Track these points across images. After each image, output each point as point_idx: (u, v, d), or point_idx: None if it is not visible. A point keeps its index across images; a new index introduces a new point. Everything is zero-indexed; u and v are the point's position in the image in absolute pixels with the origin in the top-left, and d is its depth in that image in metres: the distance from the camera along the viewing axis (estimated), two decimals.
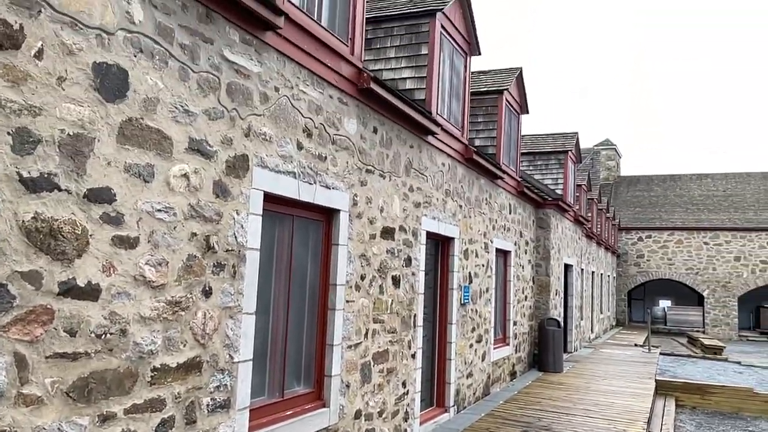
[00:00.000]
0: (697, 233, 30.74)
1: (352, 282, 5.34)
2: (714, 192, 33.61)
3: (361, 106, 5.45)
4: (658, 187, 35.44)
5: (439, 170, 7.46)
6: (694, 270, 30.60)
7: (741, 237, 29.90)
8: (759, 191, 32.66)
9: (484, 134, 9.96)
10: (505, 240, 10.56)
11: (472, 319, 8.73)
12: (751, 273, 29.55)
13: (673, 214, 32.43)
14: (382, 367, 5.92)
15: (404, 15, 6.89)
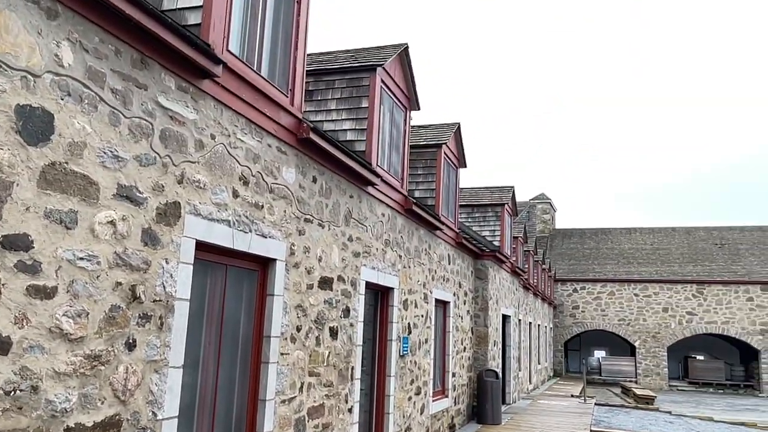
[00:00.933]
0: (627, 285, 31.93)
1: (287, 334, 5.21)
2: (642, 245, 35.20)
3: (301, 155, 5.46)
4: (591, 240, 36.83)
5: (378, 220, 7.50)
6: (626, 321, 31.61)
7: (668, 289, 31.26)
8: (683, 245, 34.42)
9: (424, 186, 10.14)
10: (445, 290, 10.63)
11: (411, 370, 8.65)
12: (678, 324, 30.78)
13: (605, 266, 33.65)
14: (318, 423, 5.74)
15: (345, 69, 7.04)
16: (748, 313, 29.85)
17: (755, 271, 30.82)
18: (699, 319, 30.46)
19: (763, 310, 29.64)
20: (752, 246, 33.13)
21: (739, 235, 34.54)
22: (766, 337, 29.34)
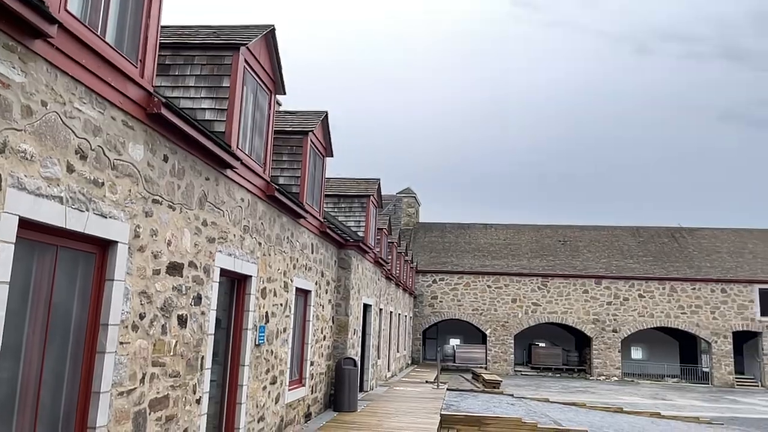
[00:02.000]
0: (482, 277, 33.98)
1: (128, 322, 4.87)
2: (496, 240, 37.61)
3: (150, 132, 5.11)
4: (451, 234, 38.69)
5: (237, 205, 7.26)
6: (479, 311, 33.64)
7: (517, 281, 33.71)
8: (532, 241, 37.27)
9: (289, 173, 10.00)
10: (307, 279, 10.58)
11: (267, 360, 8.51)
12: (525, 313, 33.32)
13: (463, 259, 35.52)
14: (161, 415, 5.45)
15: (207, 45, 6.71)
16: (584, 304, 33.07)
17: (591, 266, 34.18)
18: (543, 310, 33.20)
19: (596, 301, 32.98)
20: (589, 243, 36.71)
21: (579, 233, 38.09)
22: (597, 326, 32.68)
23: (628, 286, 32.95)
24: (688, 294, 32.46)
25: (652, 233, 37.65)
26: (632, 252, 35.52)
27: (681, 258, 34.68)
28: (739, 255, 34.61)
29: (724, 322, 31.91)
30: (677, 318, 32.30)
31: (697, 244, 36.13)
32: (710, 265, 33.69)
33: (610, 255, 35.27)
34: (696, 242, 36.29)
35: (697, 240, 36.53)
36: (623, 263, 34.34)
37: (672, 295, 32.54)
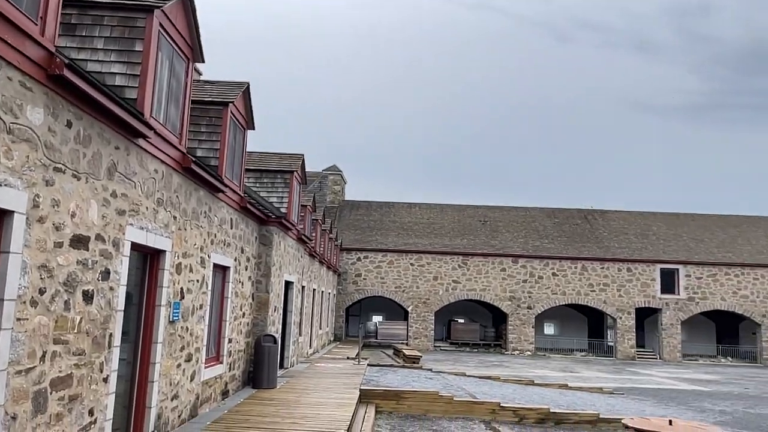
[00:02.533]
0: (405, 255, 34.48)
1: (26, 297, 4.58)
2: (420, 219, 38.21)
3: (52, 95, 4.78)
4: (376, 213, 38.93)
5: (150, 177, 6.96)
6: (401, 288, 34.17)
7: (439, 259, 34.45)
8: (454, 221, 38.13)
9: (207, 145, 9.67)
10: (225, 255, 10.34)
11: (181, 337, 8.28)
12: (445, 291, 34.17)
13: (387, 237, 35.87)
14: (63, 394, 5.19)
15: (118, 5, 6.31)
16: (501, 282, 34.28)
17: (509, 245, 35.41)
18: (462, 287, 34.15)
19: (513, 279, 34.27)
20: (508, 224, 37.99)
21: (499, 213, 39.32)
22: (513, 303, 34.01)
23: (543, 265, 34.42)
24: (597, 273, 34.31)
25: (567, 215, 39.41)
26: (548, 232, 37.06)
27: (592, 239, 36.55)
28: (645, 237, 36.88)
29: (629, 299, 34.03)
30: (587, 295, 34.12)
31: (607, 225, 38.16)
32: (618, 246, 35.72)
33: (527, 235, 36.66)
34: (606, 224, 38.33)
35: (608, 222, 38.58)
36: (539, 243, 35.79)
37: (583, 274, 34.29)
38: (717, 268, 34.33)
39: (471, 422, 11.83)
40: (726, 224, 38.60)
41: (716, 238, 36.99)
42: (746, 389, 20.50)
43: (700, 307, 34.10)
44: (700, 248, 35.74)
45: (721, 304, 34.03)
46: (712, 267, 34.33)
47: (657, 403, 16.01)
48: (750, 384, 22.47)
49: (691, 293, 34.10)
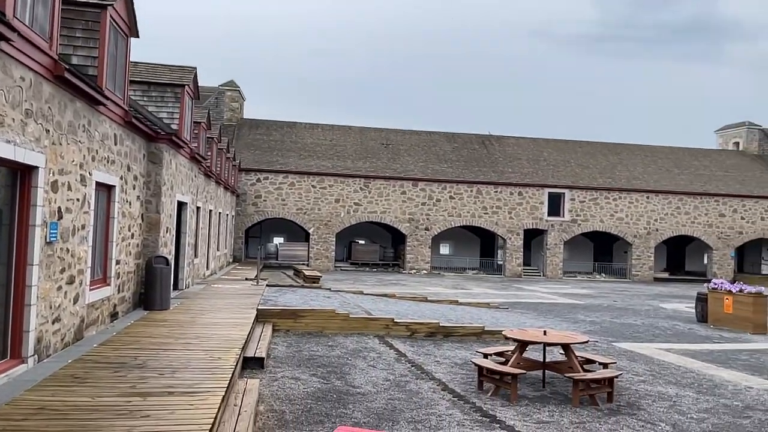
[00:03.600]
0: (307, 177, 34.20)
1: None
2: (322, 141, 37.76)
3: None
4: (277, 133, 37.96)
5: (17, 85, 6.27)
6: (303, 210, 34.09)
7: (341, 182, 34.50)
8: (357, 143, 38.03)
9: (84, 52, 8.82)
10: (109, 173, 9.72)
11: (62, 258, 7.82)
12: (347, 213, 34.50)
13: (288, 158, 35.26)
14: None
15: None
16: (401, 204, 35.05)
17: (410, 169, 36.01)
18: (364, 209, 34.60)
19: (412, 202, 35.12)
20: (410, 147, 38.46)
21: (401, 137, 39.63)
22: (412, 224, 35.02)
23: (441, 188, 35.45)
24: (491, 196, 35.88)
25: (465, 140, 40.43)
26: (447, 157, 37.98)
27: (488, 163, 37.92)
28: (536, 162, 38.76)
29: (518, 221, 36.07)
30: (481, 217, 35.75)
31: (502, 151, 39.65)
32: (511, 171, 37.36)
33: (428, 159, 37.39)
34: (502, 149, 39.80)
35: (503, 147, 40.06)
36: (439, 167, 36.66)
37: (478, 197, 35.74)
38: (598, 192, 36.95)
39: (366, 338, 12.31)
40: (608, 151, 41.29)
41: (599, 164, 39.58)
42: (614, 302, 22.73)
43: (582, 228, 36.83)
44: (584, 174, 38.15)
45: (600, 225, 36.92)
46: (594, 191, 36.90)
47: (537, 315, 17.40)
48: (618, 297, 24.92)
49: (574, 215, 36.64)
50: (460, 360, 10.58)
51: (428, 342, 12.26)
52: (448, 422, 7.06)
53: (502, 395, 8.29)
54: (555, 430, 6.93)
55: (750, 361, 11.74)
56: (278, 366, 9.49)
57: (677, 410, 7.97)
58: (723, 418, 7.67)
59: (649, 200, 37.45)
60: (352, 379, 8.90)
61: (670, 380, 9.70)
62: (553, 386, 8.98)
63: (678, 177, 39.27)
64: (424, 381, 8.96)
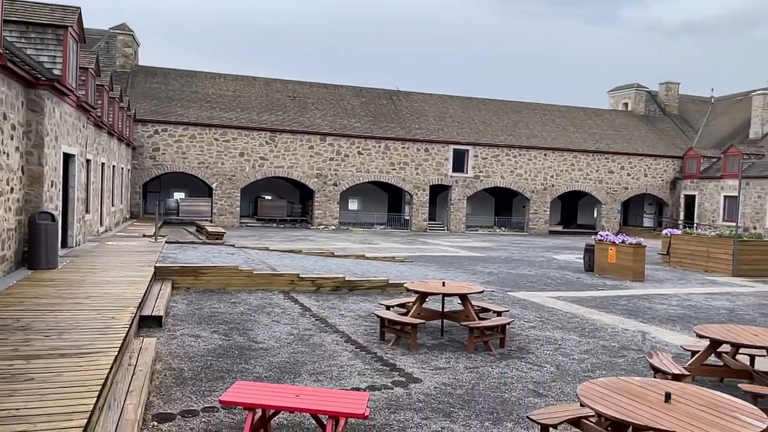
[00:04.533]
0: (209, 129, 32.85)
1: None
2: (225, 92, 36.26)
3: None
4: (176, 82, 35.99)
5: None
6: (205, 164, 32.85)
7: (245, 135, 33.46)
8: (262, 95, 36.87)
9: None
10: None
11: None
12: (252, 167, 33.65)
13: (188, 109, 33.63)
14: None
15: None
16: (309, 159, 34.62)
17: (317, 123, 35.49)
18: (270, 164, 33.87)
19: (320, 157, 34.78)
20: (317, 101, 37.80)
21: (308, 90, 38.82)
22: (320, 180, 34.76)
23: (350, 143, 35.30)
24: (399, 152, 36.19)
25: (374, 95, 40.26)
26: (355, 111, 37.73)
27: (396, 119, 38.09)
28: (442, 119, 39.39)
29: (425, 177, 36.75)
30: (388, 173, 36.07)
31: (410, 107, 39.90)
32: (418, 127, 37.78)
33: (335, 113, 36.97)
34: (409, 105, 40.04)
35: (410, 103, 40.31)
36: (347, 122, 36.39)
37: (386, 153, 35.94)
38: (500, 149, 38.25)
39: (271, 293, 12.24)
40: (510, 110, 42.67)
41: (501, 122, 40.87)
42: (512, 254, 23.93)
43: (484, 184, 38.15)
44: (487, 131, 39.30)
45: (501, 181, 38.39)
46: (495, 148, 38.15)
47: (439, 268, 18.00)
48: (516, 249, 26.24)
49: (477, 172, 37.82)
50: (364, 312, 10.79)
51: (333, 296, 12.38)
52: (349, 372, 7.21)
53: (402, 345, 8.57)
54: (450, 375, 7.28)
55: (628, 306, 12.81)
56: (177, 324, 9.25)
57: (561, 352, 8.59)
58: (601, 358, 8.37)
59: (546, 157, 39.27)
60: (255, 334, 8.85)
61: (557, 325, 10.42)
62: (451, 334, 9.39)
63: (573, 135, 41.36)
64: (327, 334, 9.07)
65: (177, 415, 5.61)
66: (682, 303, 13.41)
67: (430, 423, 5.72)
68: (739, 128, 42.48)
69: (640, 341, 9.49)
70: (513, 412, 6.10)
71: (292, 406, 4.54)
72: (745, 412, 4.02)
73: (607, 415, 3.85)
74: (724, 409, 4.05)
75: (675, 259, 21.16)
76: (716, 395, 4.33)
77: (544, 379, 7.28)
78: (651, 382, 4.58)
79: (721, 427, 3.73)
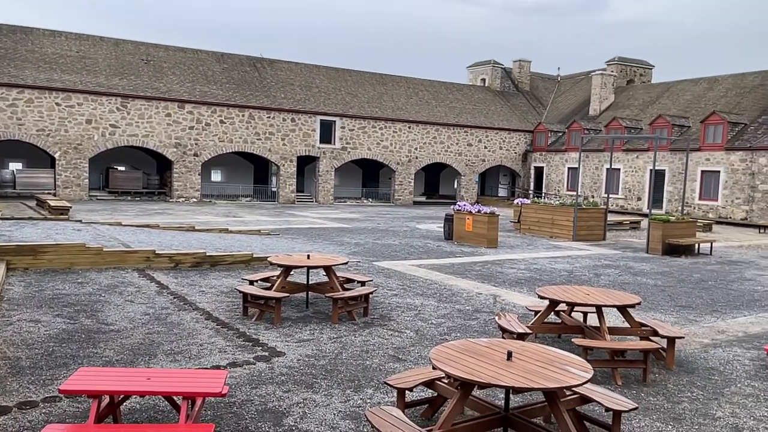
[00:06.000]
0: (49, 93, 29.74)
1: None
2: (67, 52, 32.94)
3: None
4: (8, 39, 32.04)
5: None
6: (46, 131, 29.79)
7: (93, 100, 30.73)
8: (111, 57, 33.97)
9: None
10: None
11: None
12: (102, 136, 31.08)
13: (23, 70, 30.15)
14: None
15: None
16: (166, 127, 32.65)
17: (175, 89, 33.47)
18: (122, 132, 31.48)
19: (179, 125, 32.93)
20: (174, 65, 35.57)
21: (164, 53, 36.38)
22: (179, 150, 32.98)
23: (211, 111, 33.74)
24: (264, 122, 35.26)
25: (236, 61, 38.69)
26: (216, 78, 36.04)
27: (260, 87, 36.97)
28: (308, 89, 38.89)
29: (291, 148, 36.23)
30: (253, 144, 35.07)
31: (275, 75, 38.89)
32: (284, 97, 37.01)
33: (195, 79, 35.06)
34: (274, 74, 39.02)
35: (276, 72, 39.29)
36: (207, 89, 34.69)
37: (250, 122, 34.86)
38: (366, 121, 38.66)
39: (123, 272, 11.49)
40: (376, 82, 43.15)
41: (367, 93, 41.24)
42: (378, 225, 24.47)
43: (351, 156, 38.44)
44: (354, 102, 39.48)
45: (368, 153, 38.91)
46: (362, 120, 38.50)
47: (307, 240, 17.95)
48: (381, 220, 26.86)
49: (344, 143, 37.97)
50: (226, 288, 10.49)
51: (194, 273, 11.90)
52: (209, 350, 7.01)
53: (266, 319, 8.47)
54: (314, 346, 7.33)
55: (482, 271, 13.68)
56: (14, 309, 8.39)
57: (421, 318, 8.99)
58: (456, 321, 8.87)
59: (410, 130, 40.36)
60: (105, 316, 8.28)
61: (418, 292, 10.87)
62: (316, 306, 9.45)
63: (435, 109, 42.85)
64: (187, 312, 8.72)
65: (13, 408, 5.13)
66: (529, 267, 14.57)
67: (292, 395, 5.74)
68: (581, 105, 46.51)
69: (492, 304, 10.18)
70: (373, 379, 6.29)
71: (142, 390, 4.31)
72: (575, 364, 4.47)
73: (455, 375, 4.09)
74: (558, 363, 4.47)
75: (525, 226, 22.88)
76: (552, 351, 4.76)
77: (404, 345, 7.58)
78: (496, 342, 4.93)
79: (553, 379, 4.11)
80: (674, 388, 6.40)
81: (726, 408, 5.90)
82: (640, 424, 5.42)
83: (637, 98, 42.80)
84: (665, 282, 13.19)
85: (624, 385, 6.41)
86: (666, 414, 5.67)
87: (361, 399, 5.73)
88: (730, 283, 13.35)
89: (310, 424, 5.11)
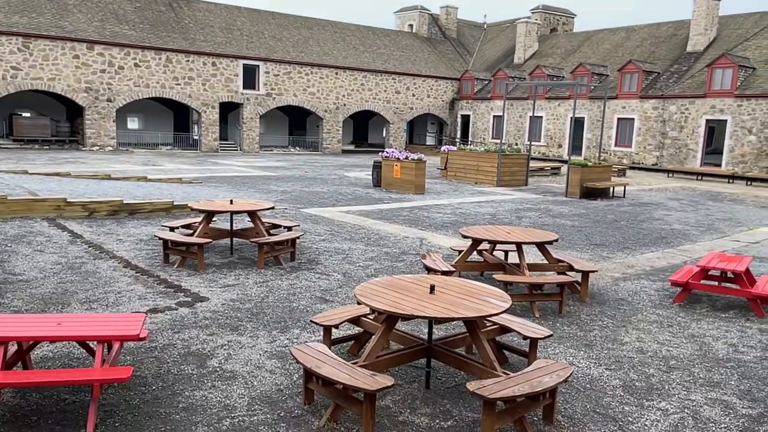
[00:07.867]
0: None
1: None
2: None
3: None
4: None
5: None
6: None
7: None
8: None
9: None
10: None
11: None
12: (2, 79, 28.67)
13: None
14: None
15: None
16: (74, 70, 30.47)
17: (82, 28, 31.12)
18: (25, 75, 29.16)
19: (89, 68, 30.81)
20: (81, 2, 32.95)
21: None
22: (90, 95, 30.97)
23: (124, 53, 31.69)
24: (182, 66, 33.54)
25: (150, 0, 36.28)
26: (128, 18, 33.72)
27: (177, 29, 34.96)
28: (229, 31, 37.14)
29: (213, 94, 34.79)
30: (172, 89, 33.40)
31: (193, 16, 36.81)
32: (203, 39, 35.21)
33: (104, 18, 32.66)
34: (192, 14, 36.92)
35: (194, 12, 37.18)
36: (118, 29, 32.43)
37: (167, 66, 33.07)
38: (292, 66, 37.52)
39: (31, 221, 10.82)
40: (301, 25, 41.75)
41: (292, 37, 39.88)
42: (305, 173, 24.14)
43: (277, 102, 37.38)
44: (278, 47, 38.13)
45: (294, 99, 37.95)
46: (287, 65, 37.33)
47: (231, 188, 17.48)
48: (309, 168, 26.51)
49: (269, 89, 36.82)
50: (146, 236, 10.10)
51: (110, 221, 11.36)
52: (128, 297, 6.76)
53: (189, 266, 8.24)
54: (239, 291, 7.22)
55: (409, 216, 13.83)
56: None
57: (349, 261, 9.02)
58: (383, 264, 8.97)
59: (338, 76, 39.57)
60: (13, 266, 7.80)
61: (346, 237, 10.88)
62: (241, 252, 9.27)
63: (363, 55, 42.10)
64: (103, 261, 8.34)
65: None
66: (455, 211, 14.86)
67: (216, 338, 5.65)
68: (507, 53, 46.99)
69: (418, 246, 10.35)
70: (300, 319, 6.28)
71: (52, 335, 4.10)
72: (495, 296, 4.61)
73: (379, 309, 4.13)
74: (479, 294, 4.60)
75: (451, 173, 23.22)
76: (474, 284, 4.88)
77: (331, 287, 7.59)
78: (420, 277, 5.01)
79: (473, 309, 4.23)
80: (587, 317, 6.78)
81: (633, 334, 6.31)
82: (555, 351, 5.72)
83: (559, 47, 43.67)
84: (582, 223, 13.83)
85: (541, 317, 6.72)
86: (579, 341, 6.01)
87: (288, 339, 5.72)
88: (640, 223, 14.16)
89: (235, 365, 5.07)
